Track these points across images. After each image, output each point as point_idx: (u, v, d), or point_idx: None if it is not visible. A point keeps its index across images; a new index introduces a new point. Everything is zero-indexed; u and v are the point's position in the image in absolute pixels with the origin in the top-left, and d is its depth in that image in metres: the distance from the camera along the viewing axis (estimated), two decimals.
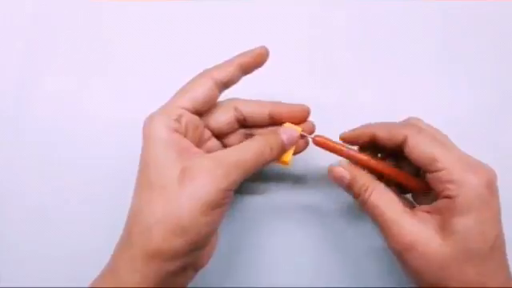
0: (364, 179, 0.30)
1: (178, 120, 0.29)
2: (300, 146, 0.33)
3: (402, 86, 0.40)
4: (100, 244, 0.31)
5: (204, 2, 0.43)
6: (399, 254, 0.28)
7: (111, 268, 0.28)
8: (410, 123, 0.31)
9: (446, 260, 0.26)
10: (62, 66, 0.42)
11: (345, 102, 0.39)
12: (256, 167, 0.29)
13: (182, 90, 0.30)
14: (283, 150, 0.30)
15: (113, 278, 0.27)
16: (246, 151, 0.28)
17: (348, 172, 0.31)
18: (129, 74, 0.41)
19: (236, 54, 0.40)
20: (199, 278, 0.36)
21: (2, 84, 0.41)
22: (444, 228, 0.27)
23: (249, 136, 0.33)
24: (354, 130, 0.32)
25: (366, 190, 0.30)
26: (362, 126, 0.32)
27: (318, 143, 0.32)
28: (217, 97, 0.31)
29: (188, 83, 0.31)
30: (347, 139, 0.32)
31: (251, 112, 0.32)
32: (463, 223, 0.26)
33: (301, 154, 0.33)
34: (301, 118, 0.33)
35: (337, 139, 0.33)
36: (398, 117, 0.38)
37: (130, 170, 0.39)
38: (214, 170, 0.27)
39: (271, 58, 0.40)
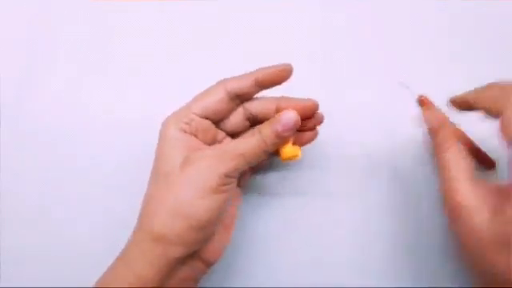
0: (448, 134, 0.30)
1: (189, 123, 0.31)
2: (308, 137, 0.33)
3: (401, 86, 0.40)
4: (100, 244, 0.31)
5: (204, 2, 0.43)
6: (448, 214, 0.28)
7: (123, 254, 0.29)
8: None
9: (486, 238, 0.26)
10: (62, 66, 0.42)
11: (345, 102, 0.39)
12: (257, 156, 0.30)
13: (197, 97, 0.32)
14: (279, 138, 0.30)
15: (123, 265, 0.28)
16: (246, 141, 0.30)
17: (438, 121, 0.31)
18: (129, 74, 0.41)
19: (236, 54, 0.40)
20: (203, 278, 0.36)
21: (2, 84, 0.41)
22: (497, 207, 0.26)
23: None
24: (459, 96, 0.33)
25: (443, 145, 0.30)
26: (464, 93, 0.32)
27: (422, 103, 0.33)
28: (231, 107, 0.32)
29: (204, 90, 0.32)
30: (454, 103, 0.33)
31: (259, 110, 0.32)
32: None
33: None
34: (309, 111, 0.32)
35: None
36: (398, 117, 0.38)
37: (131, 169, 0.39)
38: (213, 156, 0.29)
39: (271, 58, 0.40)
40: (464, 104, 0.32)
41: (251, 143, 0.30)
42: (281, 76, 0.31)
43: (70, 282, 0.31)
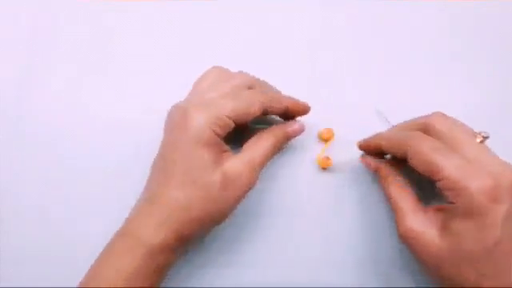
0: (387, 170, 0.34)
1: (222, 127, 0.31)
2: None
3: (401, 86, 0.40)
4: (100, 244, 0.31)
5: (204, 2, 0.43)
6: (405, 243, 0.31)
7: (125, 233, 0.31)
8: (413, 134, 0.31)
9: (441, 255, 0.29)
10: (62, 66, 0.42)
11: (345, 102, 0.39)
12: (271, 157, 0.34)
13: (233, 98, 0.32)
14: (288, 138, 0.36)
15: (131, 239, 0.30)
16: (264, 146, 0.33)
17: (374, 162, 0.35)
18: (129, 74, 0.41)
19: (236, 54, 0.40)
20: (201, 278, 0.36)
21: (2, 84, 0.41)
22: (444, 227, 0.29)
23: None
24: (366, 140, 0.36)
25: (386, 181, 0.33)
26: (372, 137, 0.35)
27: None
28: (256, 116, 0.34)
29: (240, 94, 0.32)
30: (361, 148, 0.36)
31: (273, 108, 0.34)
32: (458, 226, 0.28)
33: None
34: (302, 111, 0.36)
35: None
36: (398, 117, 0.38)
37: (130, 169, 0.39)
38: (247, 172, 0.32)
39: (271, 58, 0.40)
40: (371, 148, 0.35)
41: (267, 146, 0.33)
42: (303, 111, 0.36)
43: (69, 282, 0.31)
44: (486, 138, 0.30)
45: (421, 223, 0.30)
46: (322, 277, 0.36)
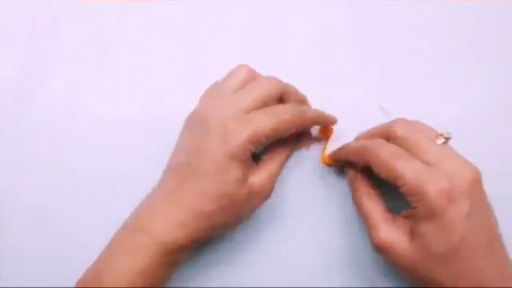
0: (358, 183, 0.34)
1: (257, 146, 0.32)
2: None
3: (401, 86, 0.40)
4: (100, 244, 0.31)
5: (204, 2, 0.43)
6: (377, 250, 0.31)
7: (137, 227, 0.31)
8: (374, 142, 0.32)
9: (414, 261, 0.29)
10: (62, 66, 0.42)
11: (345, 102, 0.39)
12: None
13: (271, 116, 0.32)
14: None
15: (145, 236, 0.30)
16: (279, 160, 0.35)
17: (348, 174, 0.36)
18: (129, 74, 0.41)
19: (236, 53, 0.40)
20: (201, 277, 0.36)
21: (2, 84, 0.41)
22: (413, 233, 0.30)
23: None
24: (334, 152, 0.36)
25: (356, 193, 0.34)
26: (339, 149, 0.36)
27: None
28: None
29: (277, 112, 0.32)
30: (332, 160, 0.37)
31: (304, 127, 0.37)
32: (423, 230, 0.29)
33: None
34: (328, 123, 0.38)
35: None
36: (399, 117, 0.38)
37: (130, 169, 0.39)
38: (268, 185, 0.33)
39: (271, 58, 0.41)
40: (341, 160, 0.36)
41: (283, 158, 0.35)
42: (329, 123, 0.38)
43: (69, 282, 0.31)
44: (448, 138, 0.31)
45: (392, 233, 0.31)
46: (325, 276, 0.36)
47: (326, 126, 0.38)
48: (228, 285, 0.36)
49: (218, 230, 0.32)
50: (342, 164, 0.36)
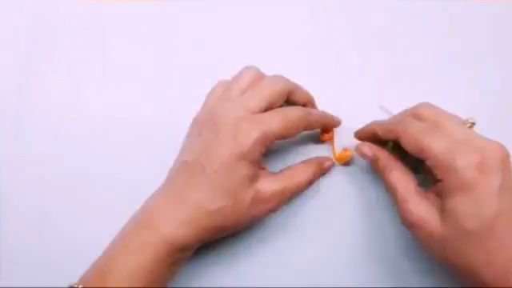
0: (385, 159, 0.34)
1: (268, 146, 0.32)
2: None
3: (401, 86, 0.40)
4: (100, 244, 0.31)
5: (204, 2, 0.43)
6: (408, 230, 0.31)
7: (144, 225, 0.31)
8: (403, 118, 0.33)
9: (445, 239, 0.28)
10: (62, 66, 0.42)
11: (345, 102, 0.39)
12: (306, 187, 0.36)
13: (282, 118, 0.32)
14: (323, 172, 0.37)
15: (152, 233, 0.30)
16: (299, 176, 0.35)
17: (371, 151, 0.34)
18: (129, 74, 0.41)
19: (235, 54, 0.40)
20: (201, 277, 0.36)
21: (2, 84, 0.41)
22: (444, 210, 0.29)
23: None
24: (362, 128, 0.36)
25: (385, 169, 0.33)
26: (367, 125, 0.36)
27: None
28: None
29: (286, 113, 0.33)
30: (358, 136, 0.37)
31: (311, 128, 0.36)
32: (452, 204, 0.28)
33: None
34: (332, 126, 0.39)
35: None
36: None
37: (130, 169, 0.39)
38: (275, 201, 0.33)
39: (271, 58, 0.41)
40: (368, 135, 0.36)
41: (303, 180, 0.35)
42: (334, 126, 0.38)
43: (70, 282, 0.31)
44: (473, 123, 0.31)
45: (423, 208, 0.30)
46: (327, 277, 0.36)
47: (327, 128, 0.38)
48: (228, 285, 0.36)
49: (224, 232, 0.33)
50: (367, 140, 0.36)
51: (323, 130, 0.38)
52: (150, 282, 0.30)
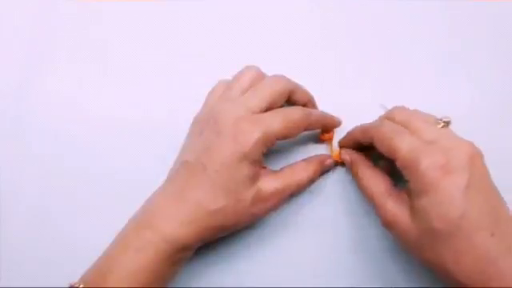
0: (359, 163, 0.35)
1: (269, 147, 0.32)
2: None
3: (401, 86, 0.40)
4: (100, 244, 0.31)
5: (204, 2, 0.43)
6: (387, 229, 0.31)
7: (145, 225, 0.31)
8: (379, 120, 0.34)
9: (418, 238, 0.29)
10: (62, 66, 0.42)
11: (345, 102, 0.39)
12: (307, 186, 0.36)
13: (282, 118, 0.32)
14: (324, 169, 0.37)
15: (153, 233, 0.30)
16: (300, 174, 0.35)
17: (349, 156, 0.36)
18: (128, 74, 0.41)
19: (235, 54, 0.40)
20: (201, 277, 0.36)
21: (3, 84, 0.41)
22: (412, 209, 0.29)
23: None
24: (345, 135, 0.37)
25: (358, 173, 0.34)
26: (349, 132, 0.37)
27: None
28: None
29: (287, 114, 0.33)
30: (341, 144, 0.37)
31: (312, 128, 0.36)
32: (419, 205, 0.28)
33: None
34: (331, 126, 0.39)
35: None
36: None
37: (130, 169, 0.39)
38: (276, 199, 0.33)
39: (271, 58, 0.41)
40: (350, 141, 0.36)
41: (304, 178, 0.35)
42: (335, 126, 0.38)
43: (70, 282, 0.31)
44: (447, 122, 0.31)
45: (396, 207, 0.30)
46: (327, 277, 0.36)
47: (327, 128, 0.38)
48: (228, 285, 0.36)
49: (224, 231, 0.33)
50: (350, 146, 0.36)
51: (323, 130, 0.38)
52: (151, 281, 0.30)
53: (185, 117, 0.35)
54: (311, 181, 0.36)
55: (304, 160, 0.36)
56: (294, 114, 0.33)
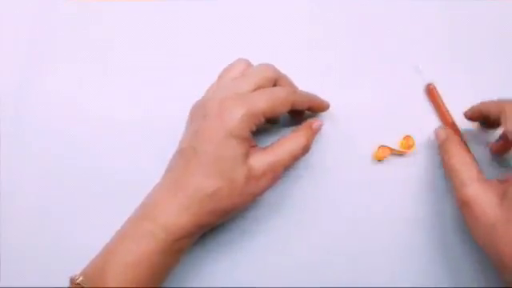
0: (456, 142, 0.35)
1: (257, 125, 0.32)
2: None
3: (401, 86, 0.40)
4: (100, 244, 0.31)
5: (204, 2, 0.43)
6: (462, 209, 0.32)
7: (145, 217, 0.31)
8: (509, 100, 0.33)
9: (496, 218, 0.29)
10: (62, 66, 0.42)
11: (345, 102, 0.39)
12: (299, 155, 0.35)
13: (267, 95, 0.33)
14: (314, 133, 0.36)
15: (152, 224, 0.30)
16: (294, 142, 0.34)
17: (445, 133, 0.36)
18: (128, 74, 0.41)
19: (235, 54, 0.40)
20: (203, 277, 0.36)
21: (2, 84, 0.41)
22: (505, 196, 0.30)
23: None
24: (473, 107, 0.37)
25: (453, 149, 0.34)
26: (476, 105, 0.36)
27: (429, 91, 0.39)
28: None
29: (272, 91, 0.33)
30: (466, 115, 0.37)
31: (299, 105, 0.35)
32: None
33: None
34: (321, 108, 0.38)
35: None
36: (398, 117, 0.38)
37: (130, 169, 0.39)
38: (269, 174, 0.33)
39: (271, 57, 0.41)
40: (474, 114, 0.36)
41: (295, 148, 0.34)
42: (323, 108, 0.38)
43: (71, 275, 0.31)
44: None
45: (482, 190, 0.31)
46: (327, 276, 0.36)
47: (314, 110, 0.38)
48: (228, 284, 0.36)
49: (223, 214, 0.32)
50: (474, 118, 0.37)
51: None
52: (150, 272, 0.30)
53: (185, 117, 0.35)
54: (305, 148, 0.35)
55: (293, 131, 0.36)
56: (280, 91, 0.33)
